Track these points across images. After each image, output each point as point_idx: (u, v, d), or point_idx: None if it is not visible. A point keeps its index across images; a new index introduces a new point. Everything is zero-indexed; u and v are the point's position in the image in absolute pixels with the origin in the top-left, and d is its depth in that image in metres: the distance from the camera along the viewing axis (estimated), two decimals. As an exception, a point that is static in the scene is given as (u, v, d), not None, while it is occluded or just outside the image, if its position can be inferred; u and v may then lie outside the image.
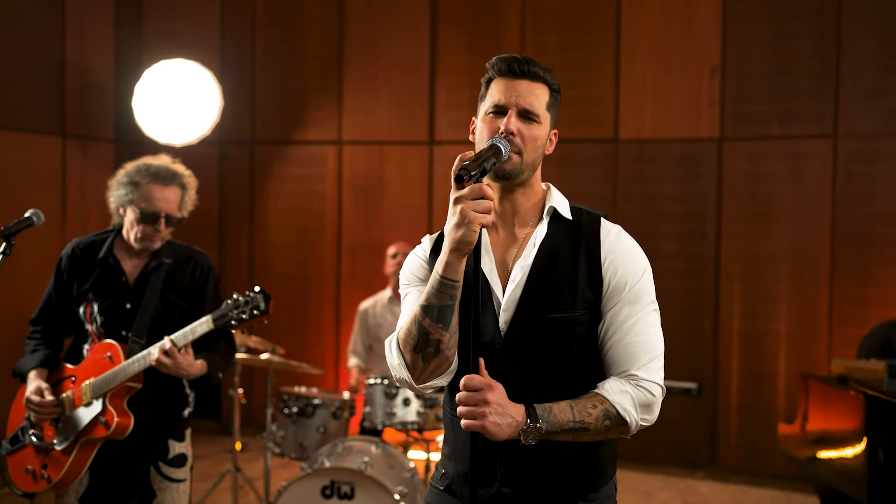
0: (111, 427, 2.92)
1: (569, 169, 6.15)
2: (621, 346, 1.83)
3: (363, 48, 6.63)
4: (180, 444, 3.09)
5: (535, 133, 1.88)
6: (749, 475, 5.77)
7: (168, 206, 3.04)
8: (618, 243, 1.88)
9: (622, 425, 1.80)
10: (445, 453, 2.01)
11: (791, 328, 5.70)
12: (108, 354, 2.96)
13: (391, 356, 1.85)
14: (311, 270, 6.74)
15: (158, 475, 3.03)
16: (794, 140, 5.70)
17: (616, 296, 1.85)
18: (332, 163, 6.70)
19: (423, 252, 1.99)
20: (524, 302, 1.85)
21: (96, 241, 3.12)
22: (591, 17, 6.12)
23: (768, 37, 5.74)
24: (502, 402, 1.73)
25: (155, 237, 3.04)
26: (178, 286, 3.09)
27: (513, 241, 1.92)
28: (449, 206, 1.73)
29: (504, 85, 1.89)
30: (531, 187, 1.93)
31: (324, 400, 4.42)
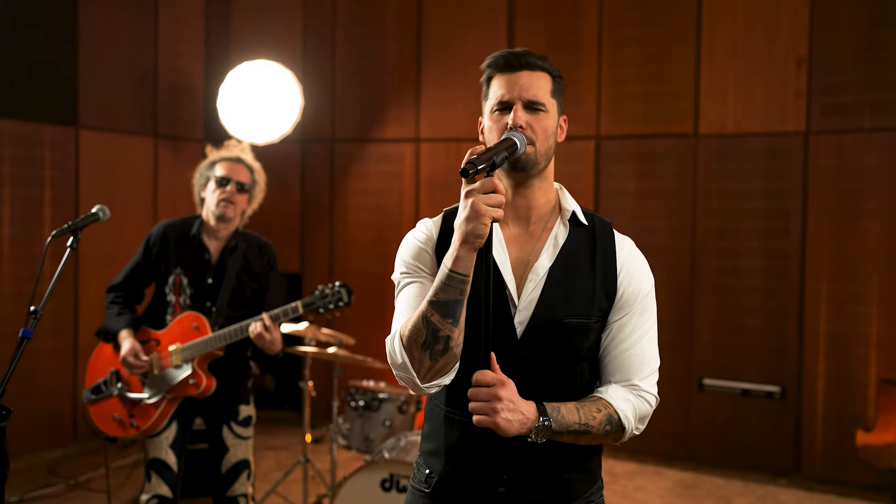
0: (201, 387, 3.42)
1: (646, 165, 6.02)
2: (626, 357, 1.84)
3: (441, 46, 6.66)
4: (247, 407, 3.60)
5: (543, 123, 1.86)
6: (835, 485, 5.51)
7: (238, 175, 3.53)
8: (632, 254, 1.90)
9: (619, 431, 1.82)
10: (429, 451, 1.95)
11: (882, 332, 5.41)
12: (195, 324, 3.44)
13: (394, 354, 1.78)
14: (389, 268, 6.73)
15: (231, 433, 3.54)
16: (887, 132, 5.40)
17: (626, 306, 1.86)
18: (409, 160, 6.77)
19: (424, 236, 1.92)
20: (542, 303, 1.82)
21: (185, 223, 3.60)
22: (671, 9, 5.96)
23: (861, 24, 5.46)
24: (514, 399, 1.72)
25: (229, 204, 3.49)
26: (251, 270, 3.55)
27: (528, 239, 1.89)
28: (460, 200, 1.71)
29: (505, 80, 1.89)
30: (546, 181, 1.91)
31: (390, 394, 4.48)
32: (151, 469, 3.47)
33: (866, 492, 5.39)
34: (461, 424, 1.86)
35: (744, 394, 5.67)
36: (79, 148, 6.04)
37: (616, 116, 6.12)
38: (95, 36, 6.15)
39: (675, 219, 5.91)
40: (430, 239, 1.92)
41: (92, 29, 6.12)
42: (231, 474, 3.53)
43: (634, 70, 6.05)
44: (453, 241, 1.72)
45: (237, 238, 3.58)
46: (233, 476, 3.53)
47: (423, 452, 1.98)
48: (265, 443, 6.23)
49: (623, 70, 6.09)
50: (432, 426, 1.96)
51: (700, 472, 5.79)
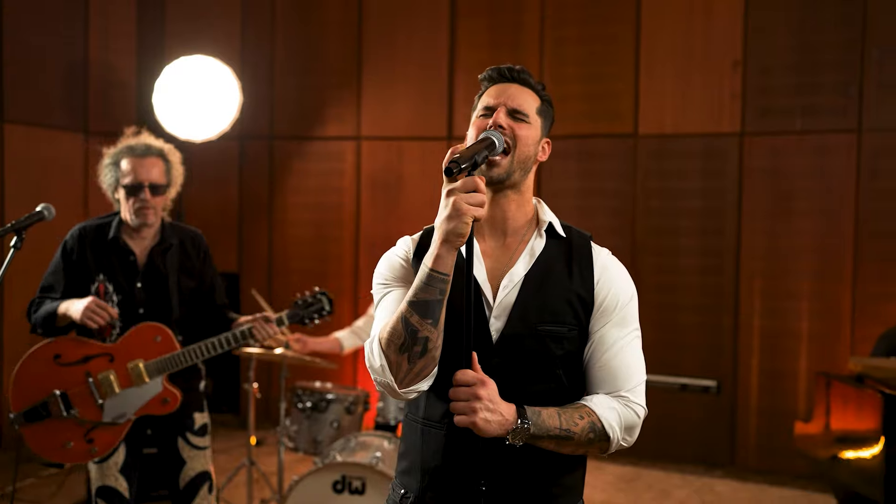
0: (175, 405, 3.19)
1: (587, 164, 6.10)
2: (611, 367, 1.83)
3: (382, 44, 6.63)
4: (202, 415, 3.36)
5: (524, 132, 1.86)
6: (768, 475, 5.70)
7: (150, 176, 3.20)
8: (610, 264, 1.89)
9: (604, 440, 1.79)
10: (405, 470, 1.91)
11: (813, 326, 5.61)
12: (158, 337, 3.15)
13: (372, 359, 1.75)
14: (329, 266, 6.76)
15: (187, 445, 3.29)
16: (817, 135, 5.61)
17: (605, 316, 1.84)
18: (350, 158, 6.71)
19: (404, 253, 1.92)
20: (516, 310, 1.81)
21: (102, 224, 3.27)
22: (612, 9, 6.06)
23: (792, 29, 5.65)
24: (494, 399, 1.71)
25: (147, 209, 3.19)
26: (188, 266, 3.29)
27: (504, 251, 1.88)
28: (441, 199, 1.70)
29: (495, 89, 1.91)
30: (523, 195, 1.89)
31: (338, 395, 4.42)
32: (100, 498, 3.15)
33: (797, 480, 5.59)
34: (438, 437, 1.83)
35: (682, 389, 5.81)
36: (3, 143, 5.80)
37: (558, 115, 6.16)
38: (21, 26, 5.91)
39: (616, 217, 6.02)
40: (409, 255, 1.92)
41: (17, 19, 5.88)
42: (191, 489, 3.26)
43: (576, 69, 6.13)
44: (433, 241, 1.70)
45: (167, 234, 3.26)
46: (192, 490, 3.26)
47: (399, 473, 1.94)
48: (204, 446, 6.09)
49: (565, 69, 6.16)
50: (408, 443, 1.92)
51: (640, 465, 5.90)
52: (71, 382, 3.13)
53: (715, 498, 5.37)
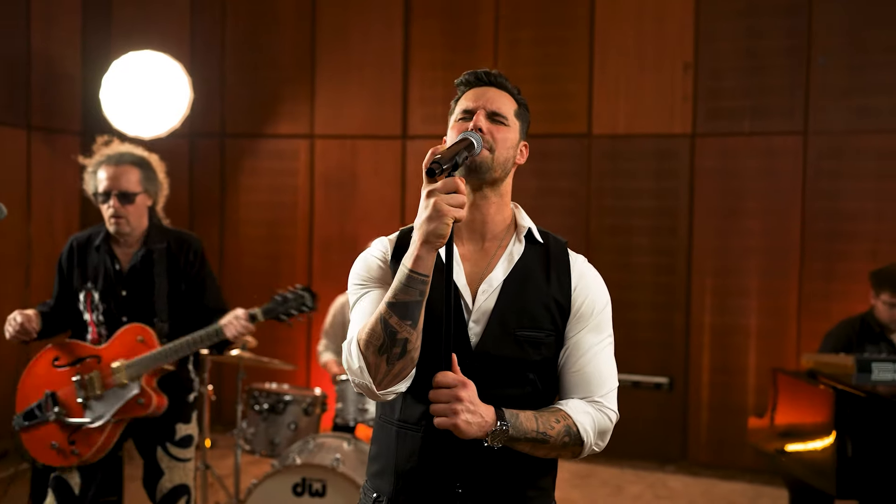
0: (150, 407, 3.13)
1: (542, 164, 6.15)
2: (585, 372, 1.85)
3: (336, 42, 6.57)
4: (187, 426, 3.29)
5: (504, 134, 1.86)
6: (719, 469, 5.82)
7: (118, 184, 3.19)
8: (586, 271, 1.91)
9: (578, 445, 1.81)
10: (377, 473, 1.89)
11: (761, 323, 5.75)
12: (141, 337, 3.13)
13: (350, 360, 1.74)
14: (283, 265, 6.68)
15: (166, 455, 3.23)
16: (765, 136, 5.74)
17: (581, 322, 1.86)
18: (304, 157, 6.65)
19: (381, 253, 1.90)
20: (495, 315, 1.81)
21: (92, 234, 3.30)
22: (566, 12, 6.12)
23: (740, 33, 5.78)
24: (474, 401, 1.71)
25: (119, 218, 3.18)
26: (177, 269, 3.26)
27: (483, 255, 1.87)
28: (421, 200, 1.69)
29: (472, 93, 1.91)
30: (502, 198, 1.89)
31: (295, 396, 4.38)
32: (52, 489, 3.15)
33: (745, 474, 5.73)
34: (413, 438, 1.82)
35: (634, 386, 5.90)
36: (-59, 139, 5.60)
37: (512, 116, 6.21)
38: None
39: (571, 217, 6.07)
40: (387, 255, 1.90)
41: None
42: (166, 502, 3.21)
43: (531, 70, 6.17)
44: (413, 242, 1.69)
45: (154, 238, 3.26)
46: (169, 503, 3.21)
47: (371, 476, 1.92)
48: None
49: (520, 70, 6.19)
50: (381, 445, 1.90)
51: (594, 462, 5.97)
52: (62, 383, 3.20)
53: (668, 493, 5.46)
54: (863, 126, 5.58)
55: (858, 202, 5.57)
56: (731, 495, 5.45)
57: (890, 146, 5.53)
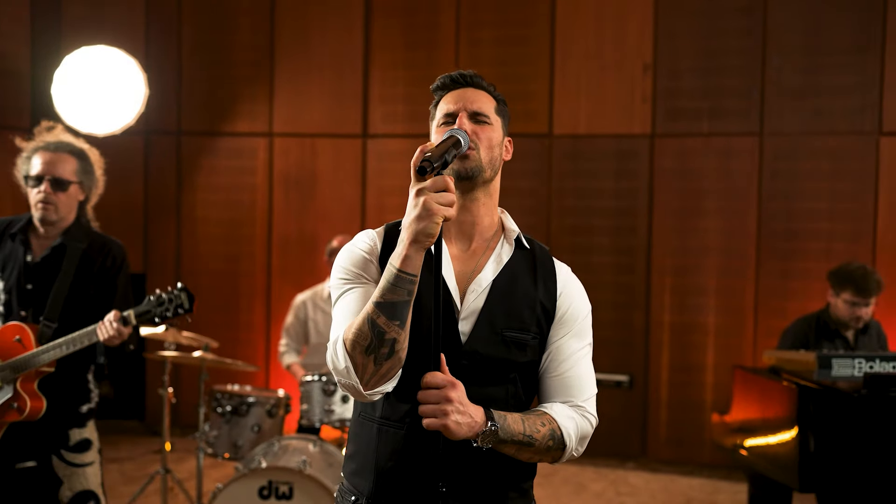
0: (25, 411, 2.93)
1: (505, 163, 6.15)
2: (568, 377, 1.85)
3: (295, 39, 6.50)
4: (82, 430, 3.10)
5: (488, 133, 1.85)
6: (678, 465, 5.90)
7: (54, 170, 3.04)
8: (571, 279, 1.93)
9: (560, 449, 1.81)
10: (356, 471, 1.86)
11: (719, 321, 5.85)
12: (18, 337, 2.95)
13: (336, 360, 1.71)
14: (241, 265, 6.59)
15: (62, 462, 3.04)
16: (722, 137, 5.84)
17: (565, 327, 1.87)
18: (262, 155, 6.56)
19: (368, 247, 1.86)
20: (484, 315, 1.81)
21: (13, 220, 3.13)
22: (527, 12, 6.14)
23: (698, 35, 5.87)
24: (464, 402, 1.70)
25: (48, 204, 3.02)
26: (90, 272, 3.08)
27: (471, 256, 1.87)
28: (409, 198, 1.67)
29: (451, 96, 1.90)
30: (491, 199, 1.88)
31: (258, 398, 4.31)
32: None
33: (703, 469, 5.83)
34: (395, 436, 1.80)
35: (595, 384, 5.95)
36: None
37: (473, 115, 6.22)
38: None
39: (531, 216, 6.10)
40: (375, 249, 1.87)
41: None
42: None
43: (492, 70, 6.17)
44: (401, 241, 1.67)
45: (75, 235, 3.07)
46: None
47: (349, 475, 1.89)
48: (106, 455, 5.83)
49: (481, 69, 6.15)
50: (360, 443, 1.86)
51: (556, 460, 6.00)
52: None
53: (629, 489, 5.52)
54: (817, 127, 5.71)
55: (813, 202, 5.70)
56: (691, 491, 5.53)
57: (843, 147, 5.67)
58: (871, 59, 5.59)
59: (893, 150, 5.58)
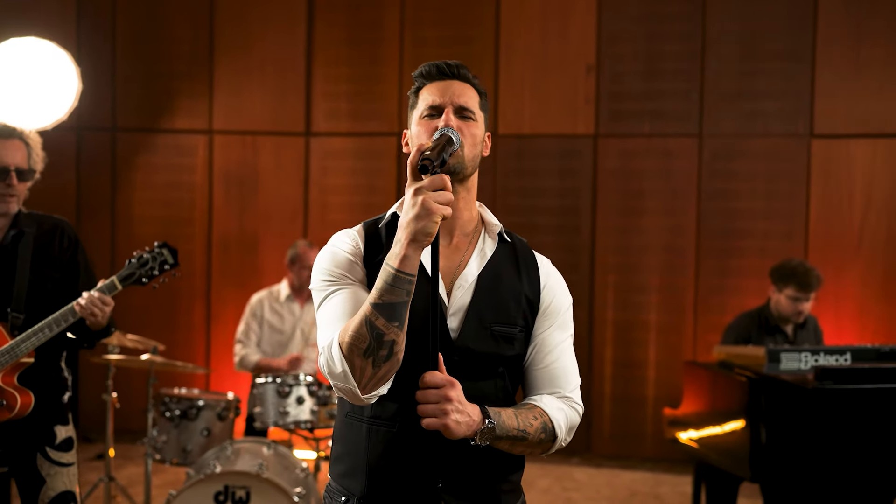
0: (15, 408, 2.83)
1: (448, 163, 6.17)
2: (554, 368, 1.87)
3: (236, 33, 6.37)
4: (66, 428, 3.02)
5: (472, 130, 1.85)
6: (621, 460, 6.02)
7: (15, 160, 2.94)
8: (552, 271, 1.95)
9: (551, 441, 1.83)
10: (345, 472, 1.83)
11: (660, 318, 5.98)
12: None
13: (333, 364, 1.67)
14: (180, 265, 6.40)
15: (47, 461, 2.94)
16: (663, 138, 5.98)
17: (549, 319, 1.88)
18: (202, 153, 6.41)
19: (351, 248, 1.84)
20: (472, 310, 1.81)
21: None
22: (471, 12, 6.17)
23: (640, 38, 5.99)
24: (462, 401, 1.70)
25: (10, 197, 2.92)
26: (49, 256, 2.99)
27: (454, 251, 1.87)
28: (406, 198, 1.65)
29: (437, 87, 1.88)
30: (471, 193, 1.89)
31: (208, 401, 4.21)
32: None
33: (646, 463, 5.96)
34: (386, 436, 1.78)
35: (540, 381, 6.02)
36: None
37: (418, 114, 6.21)
38: None
39: (477, 215, 6.13)
40: (358, 250, 1.84)
41: None
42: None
43: (436, 69, 6.18)
44: (399, 241, 1.65)
45: (21, 223, 2.96)
46: None
47: (337, 476, 1.86)
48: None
49: (426, 69, 6.19)
50: (349, 444, 1.84)
51: (502, 457, 6.05)
52: None
53: (575, 485, 5.60)
54: (753, 130, 5.90)
55: (749, 201, 5.89)
56: (634, 484, 5.64)
57: (777, 149, 5.87)
58: (803, 66, 5.81)
59: (823, 152, 5.81)
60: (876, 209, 5.78)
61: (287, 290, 5.02)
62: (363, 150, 6.29)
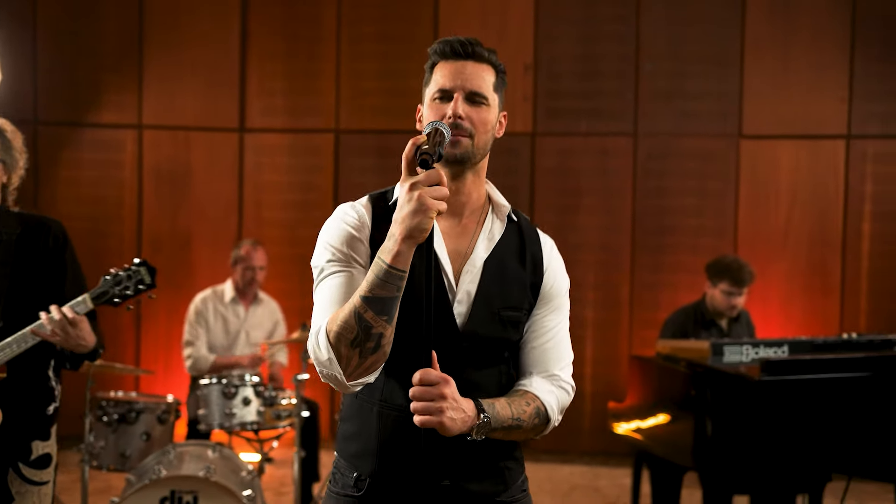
0: None
1: (386, 160, 6.14)
2: (545, 348, 1.87)
3: (167, 26, 6.19)
4: (45, 444, 2.76)
5: (483, 116, 1.83)
6: (559, 454, 6.09)
7: None
8: (554, 253, 1.94)
9: (545, 423, 1.84)
10: (356, 453, 1.84)
11: (597, 315, 6.09)
12: None
13: (319, 351, 1.67)
14: (108, 264, 6.10)
15: (18, 478, 2.69)
16: (599, 137, 6.08)
17: (548, 302, 1.88)
18: (131, 148, 6.20)
19: (356, 222, 1.80)
20: (480, 295, 1.80)
21: None
22: (410, 9, 6.15)
23: (576, 38, 6.08)
24: (457, 397, 1.68)
25: None
26: (31, 258, 2.71)
27: (463, 232, 1.85)
28: (401, 193, 1.63)
29: (449, 68, 1.84)
30: (479, 176, 1.87)
31: (148, 404, 4.07)
32: None
33: (584, 457, 6.06)
34: (396, 420, 1.78)
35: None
36: None
37: (356, 110, 6.16)
38: None
39: (416, 213, 6.11)
40: (365, 226, 1.80)
41: None
42: None
43: (375, 65, 6.14)
44: (393, 235, 1.63)
45: (5, 222, 2.71)
46: None
47: (349, 456, 1.86)
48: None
49: (363, 64, 6.14)
50: (360, 424, 1.84)
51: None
52: None
53: (516, 480, 5.64)
54: (685, 129, 6.06)
55: (682, 199, 6.05)
56: (573, 477, 5.73)
57: (708, 148, 6.05)
58: (732, 69, 6.00)
59: (752, 152, 6.02)
60: (800, 207, 6.02)
61: (232, 291, 4.88)
62: (300, 147, 6.20)
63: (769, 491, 4.06)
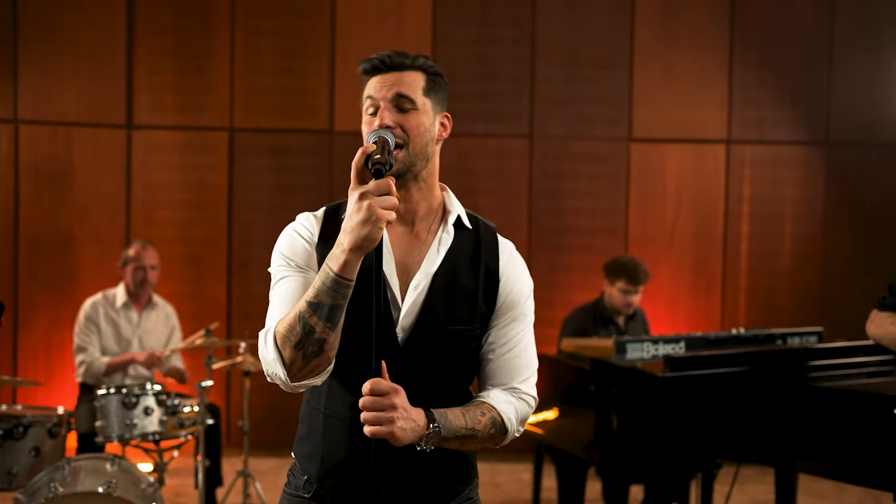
0: None
1: (282, 159, 6.02)
2: (505, 360, 1.85)
3: (44, 14, 5.84)
4: None
5: (414, 121, 1.82)
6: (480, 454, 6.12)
7: None
8: (513, 261, 1.90)
9: (502, 434, 1.84)
10: (307, 455, 1.85)
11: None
12: None
13: (265, 350, 1.69)
14: None
15: None
16: (496, 138, 6.17)
17: (506, 313, 1.85)
18: (5, 145, 5.82)
19: (308, 233, 1.82)
20: (426, 310, 1.78)
21: None
22: (307, 4, 6.05)
23: (473, 41, 6.14)
24: (406, 407, 1.67)
25: None
26: None
27: (414, 241, 1.83)
28: (350, 202, 1.60)
29: (373, 82, 1.86)
30: (426, 182, 1.86)
31: (36, 417, 3.83)
32: None
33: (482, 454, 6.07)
34: (340, 429, 1.79)
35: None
36: None
37: (251, 108, 6.01)
38: None
39: (315, 213, 6.02)
40: (313, 236, 1.82)
41: None
42: None
43: (271, 62, 6.01)
44: (342, 244, 1.61)
45: None
46: None
47: (301, 456, 1.87)
48: None
49: (260, 60, 6.00)
50: (311, 428, 1.85)
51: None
52: None
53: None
54: (579, 132, 6.23)
55: (576, 200, 6.22)
56: (493, 476, 5.77)
57: (601, 151, 6.24)
58: (622, 74, 6.22)
59: (641, 155, 6.26)
60: (686, 209, 6.31)
61: (124, 296, 4.62)
62: (192, 145, 5.98)
63: (665, 479, 4.24)
